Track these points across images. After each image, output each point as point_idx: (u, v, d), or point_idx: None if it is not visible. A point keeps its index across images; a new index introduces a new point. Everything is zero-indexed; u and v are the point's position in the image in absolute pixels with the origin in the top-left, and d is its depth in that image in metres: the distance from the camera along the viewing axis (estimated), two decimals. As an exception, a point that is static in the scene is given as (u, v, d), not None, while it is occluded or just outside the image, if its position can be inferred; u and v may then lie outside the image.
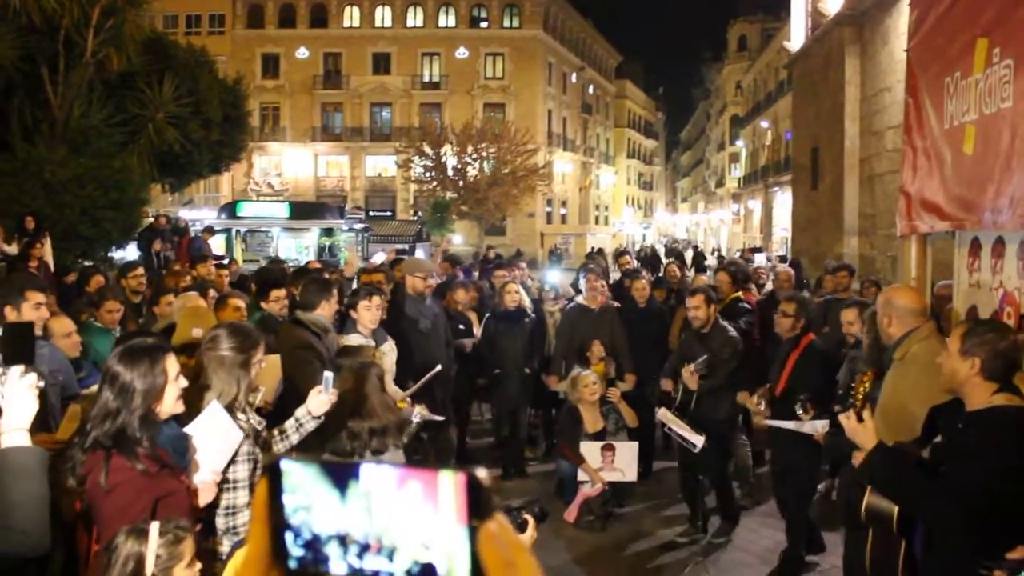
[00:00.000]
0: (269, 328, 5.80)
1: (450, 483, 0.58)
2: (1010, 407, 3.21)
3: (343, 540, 0.60)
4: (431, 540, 0.58)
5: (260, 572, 0.62)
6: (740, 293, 8.47)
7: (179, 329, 5.37)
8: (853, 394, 3.45)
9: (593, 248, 34.04)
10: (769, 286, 11.23)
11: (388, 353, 6.04)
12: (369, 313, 5.89)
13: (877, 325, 4.42)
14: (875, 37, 18.21)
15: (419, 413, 5.26)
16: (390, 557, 0.59)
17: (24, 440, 2.37)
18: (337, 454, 4.10)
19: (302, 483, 0.61)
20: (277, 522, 0.62)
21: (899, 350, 4.15)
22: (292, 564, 0.62)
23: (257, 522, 0.62)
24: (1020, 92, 4.22)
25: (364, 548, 0.59)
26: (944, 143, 5.30)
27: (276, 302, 6.73)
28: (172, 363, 3.13)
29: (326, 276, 7.10)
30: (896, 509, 3.38)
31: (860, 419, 3.32)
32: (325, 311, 5.41)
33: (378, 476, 0.59)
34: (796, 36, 26.59)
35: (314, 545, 0.61)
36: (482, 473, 0.58)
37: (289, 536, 0.62)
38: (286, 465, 0.62)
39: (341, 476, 0.60)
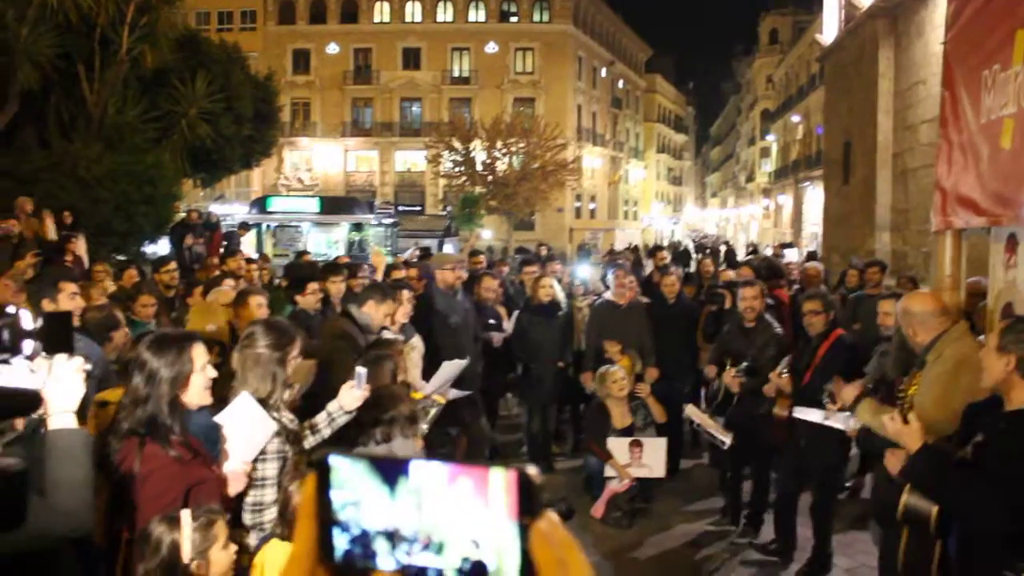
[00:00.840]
0: (302, 323, 5.84)
1: (501, 480, 0.58)
2: (1050, 407, 3.16)
3: (392, 536, 0.61)
4: (481, 537, 0.58)
5: (307, 568, 0.63)
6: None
7: (190, 326, 5.41)
8: (901, 396, 3.42)
9: (613, 245, 33.87)
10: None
11: (416, 348, 6.06)
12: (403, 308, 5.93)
13: (903, 334, 4.37)
14: (909, 29, 17.95)
15: (435, 402, 5.26)
16: (439, 553, 0.59)
17: (71, 422, 2.41)
18: (344, 442, 4.12)
19: (351, 479, 0.62)
20: (325, 518, 0.63)
21: (932, 353, 4.09)
22: (339, 559, 0.62)
23: (305, 518, 0.63)
24: (1060, 86, 4.15)
25: (413, 544, 0.60)
26: (981, 137, 5.23)
27: (312, 295, 6.78)
28: (200, 352, 3.18)
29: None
30: (935, 509, 3.35)
31: (905, 421, 3.30)
32: (371, 311, 5.40)
33: (428, 473, 0.60)
34: (828, 29, 26.27)
35: (363, 541, 0.61)
36: (533, 470, 0.58)
37: (337, 532, 0.62)
38: (335, 460, 0.62)
39: (391, 472, 0.61)
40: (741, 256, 34.04)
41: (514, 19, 52.44)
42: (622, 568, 6.46)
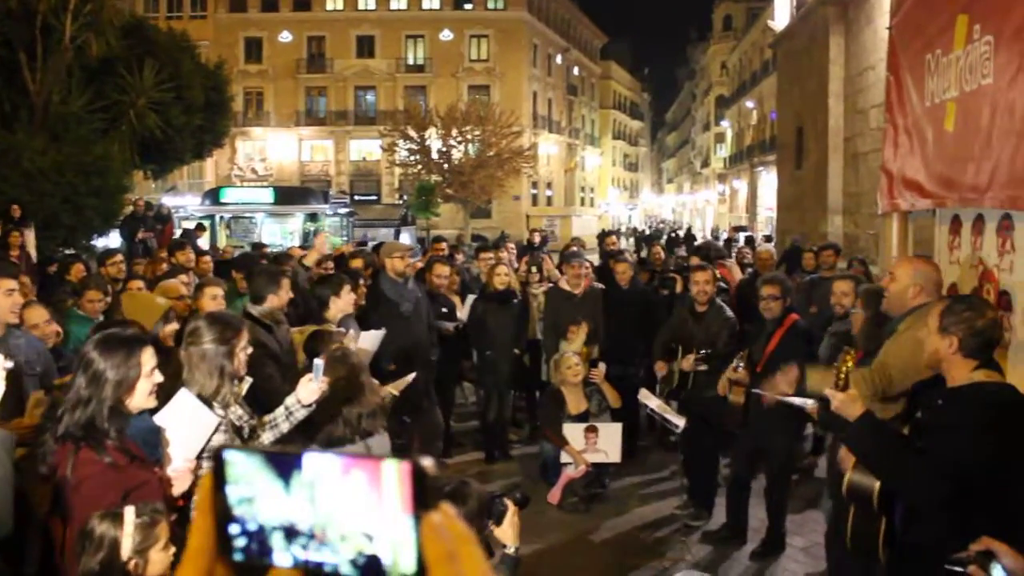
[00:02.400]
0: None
1: (394, 472, 0.56)
2: (988, 383, 3.22)
3: (288, 531, 0.59)
4: (375, 531, 0.56)
5: (205, 565, 0.60)
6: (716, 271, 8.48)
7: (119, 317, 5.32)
8: (836, 372, 3.45)
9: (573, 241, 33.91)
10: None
11: (354, 341, 6.00)
12: (340, 302, 5.82)
13: (894, 294, 4.34)
14: (859, 16, 18.18)
15: (389, 393, 5.22)
16: (334, 548, 0.57)
17: None
18: (331, 441, 4.07)
19: (246, 473, 0.59)
20: (221, 513, 0.60)
21: (906, 322, 4.10)
22: (237, 556, 0.60)
23: (201, 513, 0.61)
24: (1000, 68, 4.21)
25: (309, 539, 0.58)
26: (926, 121, 5.30)
27: None
28: (149, 357, 3.11)
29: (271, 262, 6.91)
30: (877, 486, 3.40)
31: (845, 390, 3.33)
32: (275, 303, 5.27)
33: (322, 466, 0.58)
34: (781, 15, 26.58)
35: (259, 536, 0.59)
36: (427, 462, 0.57)
37: (234, 527, 0.60)
38: (229, 455, 0.60)
39: (284, 466, 0.59)
40: (699, 241, 34.33)
41: (469, 6, 52.23)
42: (579, 553, 6.49)
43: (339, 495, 0.57)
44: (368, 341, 5.81)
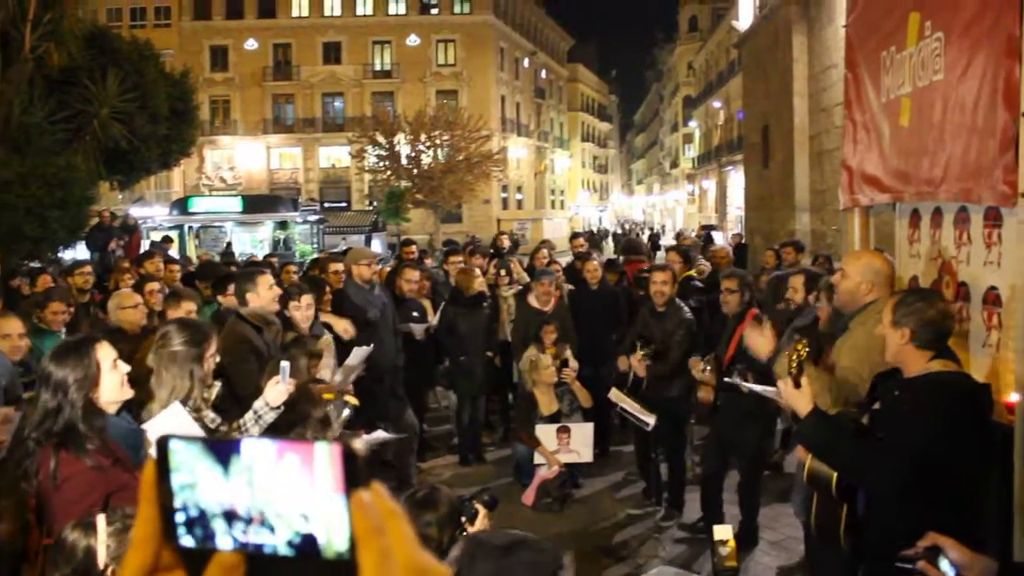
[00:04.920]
0: (225, 323, 5.72)
1: (326, 454, 0.59)
2: (944, 373, 3.29)
3: (228, 515, 0.61)
4: (310, 511, 0.59)
5: (150, 552, 0.63)
6: (693, 271, 8.56)
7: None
8: (790, 361, 3.50)
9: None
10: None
11: (329, 346, 6.00)
12: (299, 313, 5.76)
13: (845, 291, 4.36)
14: (821, 15, 18.40)
15: (347, 403, 5.20)
16: (272, 529, 0.60)
17: None
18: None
19: (187, 461, 0.62)
20: (165, 501, 0.62)
21: (858, 318, 4.14)
22: (183, 542, 0.62)
23: (145, 503, 0.63)
24: (950, 65, 4.30)
25: (248, 522, 0.60)
26: (882, 116, 5.39)
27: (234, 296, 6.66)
28: (105, 352, 3.13)
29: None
30: (835, 475, 3.46)
31: (797, 385, 3.38)
32: (256, 301, 5.26)
33: (258, 450, 0.60)
34: (744, 15, 26.83)
35: (201, 522, 0.62)
36: (357, 444, 0.59)
37: (178, 515, 0.62)
38: (172, 444, 0.62)
39: (223, 452, 0.61)
40: (668, 241, 34.54)
41: (435, 11, 52.24)
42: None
43: (275, 478, 0.59)
44: (355, 357, 5.79)
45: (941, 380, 3.23)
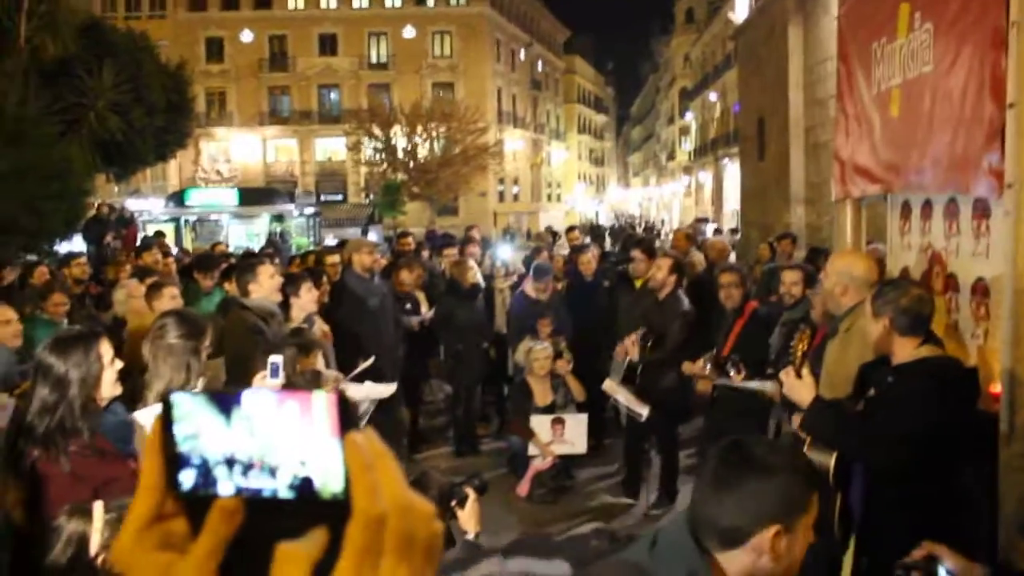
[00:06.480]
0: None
1: (323, 402, 0.63)
2: (932, 357, 3.36)
3: (229, 462, 0.65)
4: (308, 456, 0.64)
5: (155, 500, 0.67)
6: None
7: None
8: (792, 352, 3.56)
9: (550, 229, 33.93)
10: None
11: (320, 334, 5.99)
12: (301, 300, 5.77)
13: (824, 290, 4.45)
14: (816, 7, 18.39)
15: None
16: (272, 474, 0.64)
17: None
18: None
19: (190, 412, 0.66)
20: (170, 452, 0.67)
21: (847, 321, 4.19)
22: (184, 488, 0.67)
23: (150, 454, 0.67)
24: (939, 56, 4.35)
25: (248, 467, 0.65)
26: (873, 108, 5.44)
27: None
28: (106, 347, 3.14)
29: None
30: (832, 463, 3.52)
31: (799, 376, 3.44)
32: (258, 291, 5.27)
33: (259, 400, 0.65)
34: (740, 7, 26.85)
35: (204, 470, 0.66)
36: (351, 391, 0.64)
37: (182, 465, 0.67)
38: (176, 397, 0.67)
39: (225, 403, 0.65)
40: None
41: (431, 2, 52.06)
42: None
43: (275, 425, 0.64)
44: (370, 393, 5.57)
45: (931, 363, 3.31)
